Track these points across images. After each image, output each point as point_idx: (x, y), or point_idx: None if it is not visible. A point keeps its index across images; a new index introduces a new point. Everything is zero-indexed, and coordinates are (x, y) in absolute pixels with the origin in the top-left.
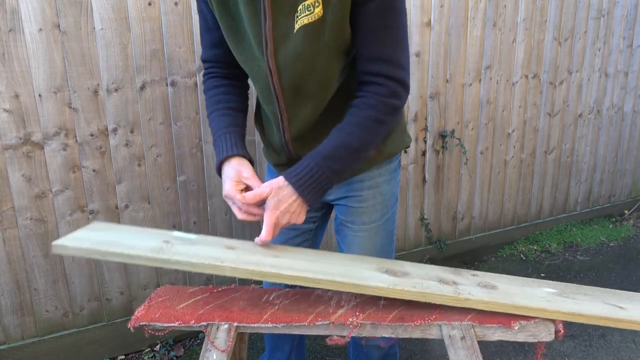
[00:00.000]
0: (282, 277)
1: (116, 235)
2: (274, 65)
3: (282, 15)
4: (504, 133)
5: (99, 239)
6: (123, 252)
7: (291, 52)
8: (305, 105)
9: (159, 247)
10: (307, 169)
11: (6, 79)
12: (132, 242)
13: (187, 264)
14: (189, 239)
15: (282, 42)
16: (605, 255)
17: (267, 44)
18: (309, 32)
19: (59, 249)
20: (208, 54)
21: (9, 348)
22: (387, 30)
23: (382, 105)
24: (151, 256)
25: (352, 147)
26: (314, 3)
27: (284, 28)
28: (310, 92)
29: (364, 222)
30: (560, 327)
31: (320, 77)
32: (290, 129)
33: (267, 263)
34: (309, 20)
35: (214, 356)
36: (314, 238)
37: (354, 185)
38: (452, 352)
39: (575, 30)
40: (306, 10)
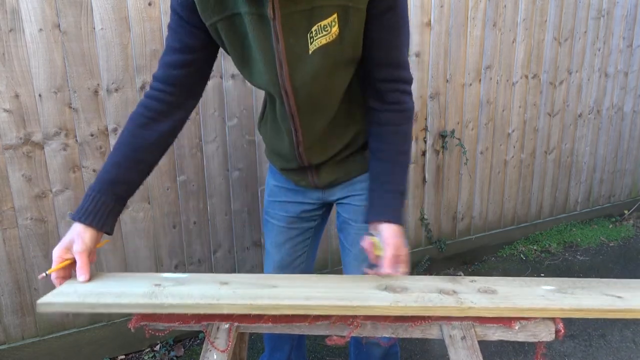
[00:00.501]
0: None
1: (103, 284)
2: (290, 87)
3: (295, 38)
4: (504, 133)
5: (85, 291)
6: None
7: (307, 73)
8: (320, 118)
9: (150, 291)
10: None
11: (6, 79)
12: (122, 290)
13: (182, 306)
14: (180, 279)
15: (297, 64)
16: (605, 255)
17: (281, 67)
18: (326, 52)
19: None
20: (165, 73)
21: (9, 348)
22: (398, 37)
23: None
24: (144, 302)
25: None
26: (331, 23)
27: (298, 50)
28: (325, 106)
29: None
30: (560, 326)
31: (335, 91)
32: (304, 141)
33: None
34: (326, 41)
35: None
36: (314, 236)
37: (355, 186)
38: (452, 352)
39: (575, 30)
40: (323, 31)
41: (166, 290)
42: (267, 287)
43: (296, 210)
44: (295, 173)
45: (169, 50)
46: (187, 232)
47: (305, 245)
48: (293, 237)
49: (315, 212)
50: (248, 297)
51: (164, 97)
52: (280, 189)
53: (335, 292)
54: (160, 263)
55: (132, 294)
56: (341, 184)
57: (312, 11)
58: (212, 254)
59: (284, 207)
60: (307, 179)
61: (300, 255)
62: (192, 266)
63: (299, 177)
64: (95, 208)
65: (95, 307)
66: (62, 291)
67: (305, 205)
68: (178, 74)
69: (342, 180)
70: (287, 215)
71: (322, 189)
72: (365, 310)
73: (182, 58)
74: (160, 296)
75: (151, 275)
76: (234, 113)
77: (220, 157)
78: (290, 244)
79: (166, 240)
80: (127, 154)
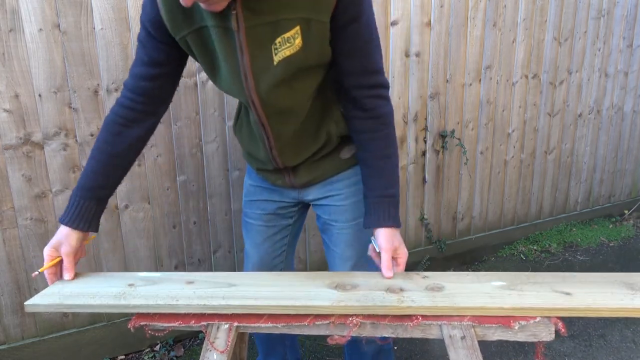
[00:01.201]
0: (232, 308)
1: (84, 284)
2: (257, 97)
3: (259, 49)
4: (504, 133)
5: (66, 293)
6: (86, 304)
7: (272, 83)
8: (289, 123)
9: (121, 292)
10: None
11: (6, 79)
12: (97, 290)
13: (145, 306)
14: (153, 278)
15: (262, 75)
16: (605, 255)
17: (246, 79)
18: (290, 63)
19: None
20: (134, 83)
21: (9, 348)
22: (369, 45)
23: (388, 116)
24: (112, 303)
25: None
26: (294, 35)
27: (262, 62)
28: (292, 109)
29: (348, 219)
30: (560, 326)
31: (303, 96)
32: (276, 146)
33: (220, 295)
34: (290, 52)
35: (214, 356)
36: (292, 235)
37: (334, 185)
38: (452, 352)
39: (575, 30)
40: (286, 43)
41: (136, 291)
42: (225, 285)
43: (272, 207)
44: (271, 173)
45: (137, 62)
46: (187, 232)
47: (283, 244)
48: (271, 235)
49: (292, 209)
50: (204, 296)
51: (134, 105)
52: (257, 188)
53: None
54: (160, 263)
55: (104, 294)
56: (318, 183)
57: (276, 24)
58: (212, 254)
59: (261, 206)
60: (283, 178)
61: (279, 255)
62: (192, 266)
63: (276, 177)
64: (80, 212)
65: (72, 308)
66: (47, 293)
67: (281, 203)
68: (146, 86)
69: (318, 179)
70: (264, 213)
71: (298, 189)
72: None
73: (149, 71)
74: (128, 297)
75: (129, 274)
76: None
77: (220, 157)
78: (268, 243)
79: (166, 240)
80: (103, 161)
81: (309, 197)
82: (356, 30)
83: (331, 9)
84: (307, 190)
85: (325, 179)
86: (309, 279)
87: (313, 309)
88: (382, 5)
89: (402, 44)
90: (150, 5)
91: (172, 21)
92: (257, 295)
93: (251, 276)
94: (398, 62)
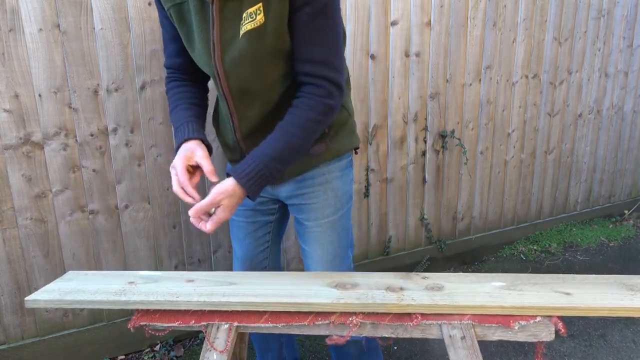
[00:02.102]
0: (232, 305)
1: (84, 283)
2: (222, 69)
3: (229, 23)
4: (504, 133)
5: (67, 289)
6: (86, 299)
7: (236, 55)
8: (253, 106)
9: (121, 289)
10: (256, 169)
11: (6, 79)
12: (97, 287)
13: (145, 303)
14: (153, 277)
15: (228, 47)
16: (605, 255)
17: (214, 49)
18: (252, 37)
19: (31, 304)
20: (171, 61)
21: (9, 348)
22: (320, 34)
23: (322, 105)
24: (112, 299)
25: (295, 147)
26: (257, 11)
27: (230, 34)
28: (257, 93)
29: (318, 217)
30: (560, 326)
31: (265, 79)
32: (240, 128)
33: (220, 293)
34: (252, 27)
35: (214, 356)
36: (275, 232)
37: (306, 182)
38: (452, 352)
39: (575, 30)
40: (249, 18)
41: (136, 289)
42: (226, 284)
43: (251, 203)
44: None
45: (164, 41)
46: (187, 232)
47: (266, 240)
48: (252, 231)
49: (271, 206)
50: (205, 294)
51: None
52: None
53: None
54: (160, 263)
55: (105, 291)
56: (288, 180)
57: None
58: (212, 254)
59: None
60: None
61: (262, 251)
62: (192, 266)
63: None
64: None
65: (72, 304)
66: (48, 289)
67: (260, 197)
68: (178, 62)
69: (287, 176)
70: (244, 208)
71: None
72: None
73: (175, 47)
74: (129, 294)
75: (129, 273)
76: None
77: (220, 157)
78: (250, 239)
79: (166, 240)
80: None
81: (282, 194)
82: (308, 15)
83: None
84: (279, 187)
85: (295, 176)
86: (309, 278)
87: (313, 306)
88: (382, 5)
89: (402, 44)
90: None
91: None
92: (257, 292)
93: (251, 275)
94: (398, 62)
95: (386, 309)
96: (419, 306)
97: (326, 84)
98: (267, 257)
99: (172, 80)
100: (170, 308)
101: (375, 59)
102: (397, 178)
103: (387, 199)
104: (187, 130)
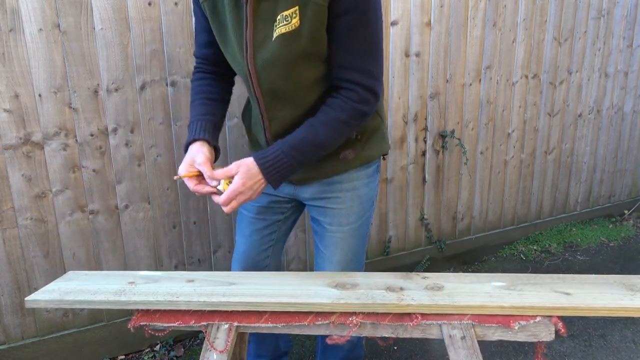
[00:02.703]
0: (232, 305)
1: (84, 283)
2: (253, 69)
3: (263, 24)
4: (504, 133)
5: (67, 289)
6: (86, 299)
7: (268, 57)
8: (284, 107)
9: (121, 289)
10: (275, 154)
11: (6, 79)
12: (97, 287)
13: (145, 303)
14: (153, 277)
15: (260, 48)
16: (605, 255)
17: (247, 49)
18: (285, 40)
19: (31, 304)
20: (200, 51)
21: (9, 348)
22: (360, 42)
23: (352, 109)
24: (112, 299)
25: (319, 143)
26: (292, 14)
27: (262, 35)
28: (288, 95)
29: (342, 223)
30: (560, 326)
31: (298, 82)
32: (270, 128)
33: (220, 293)
34: (286, 30)
35: (214, 356)
36: (281, 232)
37: (333, 187)
38: (452, 351)
39: (575, 30)
40: (284, 20)
41: (136, 289)
42: (226, 284)
43: (266, 200)
44: None
45: (197, 30)
46: (187, 232)
47: (270, 239)
48: (260, 228)
49: (284, 205)
50: (205, 294)
51: (206, 68)
52: None
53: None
54: (160, 263)
55: (105, 291)
56: (314, 182)
57: (278, 1)
58: (212, 254)
59: None
60: None
61: (266, 249)
62: (192, 266)
63: None
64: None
65: (72, 304)
66: (48, 289)
67: (275, 197)
68: (208, 52)
69: (315, 178)
70: (257, 205)
71: (294, 184)
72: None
73: (206, 38)
74: (129, 294)
75: (129, 273)
76: (234, 113)
77: (220, 157)
78: (256, 236)
79: (166, 240)
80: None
81: (304, 194)
82: (349, 23)
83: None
84: (303, 187)
85: (322, 178)
86: (309, 278)
87: (313, 306)
88: (382, 6)
89: (402, 44)
90: None
91: None
92: (257, 293)
93: (251, 275)
94: (398, 62)
95: (386, 309)
96: (418, 306)
97: (361, 90)
98: (269, 255)
99: (198, 71)
100: (170, 308)
101: None
102: (397, 178)
103: (387, 199)
104: (195, 130)
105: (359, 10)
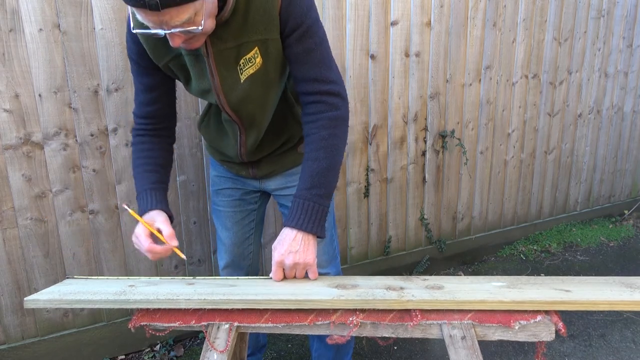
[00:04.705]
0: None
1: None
2: (229, 109)
3: (227, 71)
4: (504, 133)
5: (67, 291)
6: (87, 299)
7: (241, 97)
8: (260, 126)
9: (122, 290)
10: (300, 208)
11: (6, 79)
12: (98, 289)
13: (145, 301)
14: (153, 281)
15: (231, 92)
16: (605, 255)
17: (219, 95)
18: (255, 79)
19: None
20: (142, 110)
21: (9, 348)
22: (310, 54)
23: (327, 120)
24: (112, 299)
25: (326, 169)
26: (254, 55)
27: (230, 81)
28: (263, 117)
29: None
30: (560, 326)
31: (269, 105)
32: (247, 141)
33: (220, 292)
34: (253, 70)
35: (214, 356)
36: (258, 218)
37: (294, 177)
38: (452, 351)
39: (575, 30)
40: (248, 63)
41: (136, 290)
42: (226, 286)
43: (238, 194)
44: (236, 165)
45: (137, 91)
46: (187, 232)
47: (251, 227)
48: (239, 220)
49: (255, 195)
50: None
51: (147, 126)
52: (221, 178)
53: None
54: (160, 263)
55: (105, 292)
56: (277, 175)
57: (238, 47)
58: (212, 254)
59: (227, 193)
60: (247, 170)
61: (248, 237)
62: (192, 266)
63: (239, 168)
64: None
65: (72, 303)
66: (48, 291)
67: (245, 189)
68: (151, 110)
69: (277, 172)
70: (231, 199)
71: (259, 179)
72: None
73: (148, 96)
74: (129, 294)
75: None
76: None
77: None
78: (238, 227)
79: None
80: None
81: (269, 187)
82: (295, 40)
83: (278, 25)
84: (267, 181)
85: (283, 171)
86: (310, 281)
87: (314, 302)
88: (382, 5)
89: (402, 44)
90: (132, 41)
91: (154, 52)
92: (258, 292)
93: (252, 279)
94: (398, 62)
95: (387, 305)
96: (419, 302)
97: (326, 98)
98: (252, 242)
99: (140, 134)
100: (170, 307)
101: (375, 59)
102: (397, 178)
103: (387, 199)
104: (150, 200)
105: (305, 25)
